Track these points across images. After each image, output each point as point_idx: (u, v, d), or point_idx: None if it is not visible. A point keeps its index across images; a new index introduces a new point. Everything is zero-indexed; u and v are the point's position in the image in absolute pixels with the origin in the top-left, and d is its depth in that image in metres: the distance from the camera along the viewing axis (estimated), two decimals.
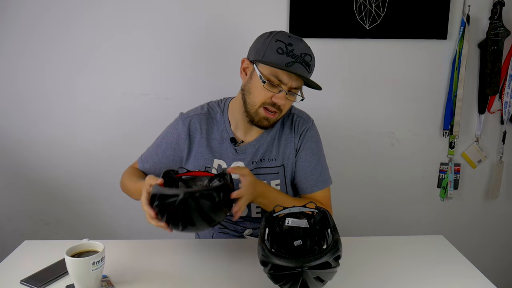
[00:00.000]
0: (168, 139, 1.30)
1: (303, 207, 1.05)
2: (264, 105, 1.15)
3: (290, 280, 0.86)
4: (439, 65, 1.82)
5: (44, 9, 1.68)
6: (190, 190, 0.92)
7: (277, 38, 1.12)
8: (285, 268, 0.84)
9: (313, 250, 1.03)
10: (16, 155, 1.82)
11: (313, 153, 1.27)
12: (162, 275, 0.97)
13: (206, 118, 1.28)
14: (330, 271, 0.87)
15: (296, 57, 1.10)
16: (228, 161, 1.26)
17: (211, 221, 0.98)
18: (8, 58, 1.72)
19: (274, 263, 0.85)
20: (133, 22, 1.71)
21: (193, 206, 0.91)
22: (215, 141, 1.27)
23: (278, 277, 0.88)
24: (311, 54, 1.15)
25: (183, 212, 0.92)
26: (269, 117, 1.17)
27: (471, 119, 1.89)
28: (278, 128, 1.28)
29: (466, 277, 1.05)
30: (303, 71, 1.12)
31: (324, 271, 0.86)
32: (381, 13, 1.72)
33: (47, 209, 1.88)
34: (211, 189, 0.94)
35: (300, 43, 1.13)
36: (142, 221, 1.83)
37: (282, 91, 1.13)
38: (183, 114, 1.31)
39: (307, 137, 1.27)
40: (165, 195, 0.93)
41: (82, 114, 1.79)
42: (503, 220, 2.01)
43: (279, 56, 1.10)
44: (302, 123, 1.28)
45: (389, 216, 1.97)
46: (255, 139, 1.26)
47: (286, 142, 1.27)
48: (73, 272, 0.91)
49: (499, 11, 1.72)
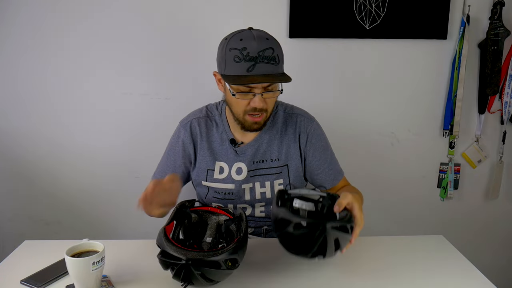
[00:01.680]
0: (174, 150, 1.30)
1: (313, 191, 1.09)
2: (246, 113, 1.16)
3: (309, 238, 0.91)
4: (439, 65, 1.82)
5: (44, 10, 1.68)
6: (193, 257, 0.87)
7: (230, 47, 1.10)
8: (308, 226, 0.90)
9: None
10: (16, 155, 1.82)
11: (324, 149, 1.31)
12: (162, 275, 0.97)
13: (205, 121, 1.29)
14: (347, 236, 0.94)
15: (255, 58, 1.07)
16: (229, 162, 1.27)
17: (214, 282, 0.96)
18: (8, 58, 1.72)
19: (296, 221, 0.92)
20: (133, 22, 1.71)
21: (195, 274, 0.89)
22: (215, 143, 1.27)
23: (295, 238, 0.93)
24: (272, 46, 1.09)
25: (184, 274, 0.89)
26: (256, 121, 1.17)
27: (471, 119, 1.89)
28: (279, 128, 1.28)
29: (466, 277, 1.05)
30: (268, 68, 1.08)
31: (343, 234, 0.93)
32: (381, 13, 1.72)
33: (47, 209, 1.88)
34: (218, 254, 0.89)
35: (253, 41, 1.08)
36: (142, 221, 1.83)
37: (256, 95, 1.12)
38: (183, 120, 1.31)
39: (316, 136, 1.29)
40: (168, 253, 0.90)
41: (82, 114, 1.79)
42: (503, 220, 2.01)
43: (238, 65, 1.08)
44: (307, 123, 1.29)
45: (389, 216, 1.97)
46: (254, 139, 1.27)
47: (290, 142, 1.28)
48: (73, 272, 0.92)
49: (499, 11, 1.72)
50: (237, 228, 1.06)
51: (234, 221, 1.08)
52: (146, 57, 1.75)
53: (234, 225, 1.08)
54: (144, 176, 1.53)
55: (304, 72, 1.77)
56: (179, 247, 0.89)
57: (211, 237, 1.11)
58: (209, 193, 1.29)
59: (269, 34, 1.13)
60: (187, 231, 1.10)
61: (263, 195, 1.27)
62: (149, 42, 1.74)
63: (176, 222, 1.05)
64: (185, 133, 1.28)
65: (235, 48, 1.08)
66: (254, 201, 1.28)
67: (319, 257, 0.94)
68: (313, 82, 1.80)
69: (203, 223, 1.13)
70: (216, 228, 1.12)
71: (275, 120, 1.29)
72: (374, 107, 1.85)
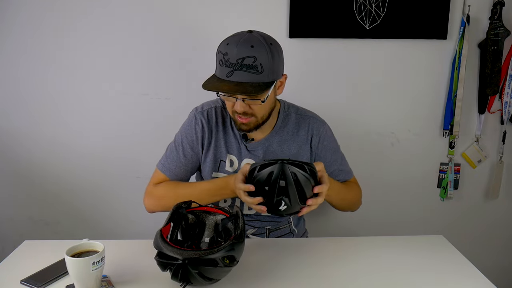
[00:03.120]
0: (189, 138, 1.29)
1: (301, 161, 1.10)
2: (234, 113, 1.18)
3: (271, 177, 1.01)
4: (439, 65, 1.82)
5: (45, 10, 1.68)
6: (189, 257, 0.87)
7: (219, 49, 1.12)
8: (267, 165, 1.02)
9: None
10: (16, 155, 1.82)
11: (335, 151, 1.37)
12: (162, 275, 0.97)
13: (221, 111, 1.30)
14: (306, 175, 1.03)
15: (234, 65, 1.07)
16: (239, 157, 1.28)
17: (213, 280, 0.96)
18: (8, 58, 1.72)
19: (259, 164, 1.04)
20: (133, 22, 1.71)
21: (192, 273, 0.88)
22: (230, 135, 1.29)
23: (263, 182, 1.02)
24: (254, 54, 1.07)
25: (182, 274, 0.90)
26: (243, 122, 1.18)
27: (471, 119, 1.89)
28: (291, 129, 1.30)
29: (466, 277, 1.05)
30: (245, 77, 1.07)
31: (301, 172, 1.02)
32: (381, 13, 1.72)
33: (47, 209, 1.88)
34: (215, 252, 0.89)
35: (234, 48, 1.07)
36: (142, 221, 1.83)
37: (238, 100, 1.13)
38: (197, 108, 1.31)
39: (327, 138, 1.34)
40: (165, 254, 0.90)
41: (82, 114, 1.79)
42: (503, 220, 2.01)
43: (220, 68, 1.11)
44: (319, 126, 1.33)
45: (389, 216, 1.97)
46: (265, 137, 1.29)
47: (301, 143, 1.30)
48: (73, 272, 0.92)
49: (499, 11, 1.72)
50: (234, 226, 1.07)
51: (231, 219, 1.09)
52: (146, 57, 1.75)
53: (231, 223, 1.09)
54: (145, 176, 1.53)
55: (304, 72, 1.77)
56: (175, 247, 0.89)
57: (209, 236, 1.11)
58: None
59: (261, 41, 1.10)
60: (185, 232, 1.10)
61: None
62: (149, 42, 1.74)
63: (173, 224, 1.04)
64: (203, 119, 1.28)
65: (221, 51, 1.11)
66: None
67: (284, 199, 1.01)
68: (313, 82, 1.80)
69: (201, 224, 1.13)
70: (214, 227, 1.12)
71: (287, 121, 1.31)
72: (374, 107, 1.85)
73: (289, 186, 1.01)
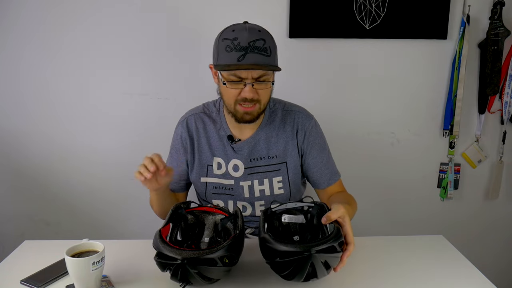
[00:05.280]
0: (176, 148, 1.33)
1: (300, 202, 1.06)
2: (237, 102, 1.16)
3: (298, 266, 0.86)
4: (439, 65, 1.82)
5: (45, 9, 1.68)
6: (188, 256, 0.86)
7: (223, 37, 1.12)
8: (292, 254, 0.85)
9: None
10: (16, 155, 1.82)
11: (322, 148, 1.31)
12: (162, 275, 0.97)
13: (201, 117, 1.30)
14: (336, 255, 0.89)
15: (246, 48, 1.09)
16: (225, 159, 1.27)
17: (213, 280, 0.96)
18: (9, 57, 1.73)
19: (281, 250, 0.86)
20: (133, 22, 1.71)
21: (192, 273, 0.88)
22: (213, 139, 1.28)
23: (284, 265, 0.88)
24: (263, 37, 1.11)
25: (181, 274, 0.89)
26: (248, 111, 1.17)
27: (471, 119, 1.89)
28: (277, 125, 1.28)
29: (466, 277, 1.05)
30: (258, 58, 1.09)
31: (331, 255, 0.88)
32: (381, 13, 1.72)
33: (47, 209, 1.88)
34: (213, 252, 0.88)
35: (244, 32, 1.10)
36: (142, 221, 1.83)
37: (247, 85, 1.13)
38: (181, 118, 1.34)
39: (314, 133, 1.29)
40: (164, 254, 0.90)
41: (83, 114, 1.79)
42: (503, 220, 2.01)
43: (229, 54, 1.10)
44: (305, 120, 1.29)
45: (389, 216, 1.97)
46: (251, 136, 1.27)
47: (288, 139, 1.28)
48: (73, 272, 0.91)
49: (499, 11, 1.72)
50: (234, 225, 1.06)
51: (230, 218, 1.08)
52: (146, 57, 1.75)
53: (231, 223, 1.08)
54: None
55: (304, 72, 1.77)
56: (173, 247, 0.89)
57: (209, 236, 1.11)
58: (208, 189, 1.29)
59: (263, 28, 1.14)
60: (185, 233, 1.10)
61: (262, 192, 1.27)
62: (150, 42, 1.74)
63: (173, 224, 1.04)
64: (182, 129, 1.30)
65: (227, 38, 1.11)
66: (253, 199, 1.28)
67: (312, 279, 0.93)
68: (313, 82, 1.80)
69: (201, 224, 1.13)
70: (213, 227, 1.12)
71: (273, 117, 1.29)
72: (374, 107, 1.85)
73: (319, 272, 0.89)
